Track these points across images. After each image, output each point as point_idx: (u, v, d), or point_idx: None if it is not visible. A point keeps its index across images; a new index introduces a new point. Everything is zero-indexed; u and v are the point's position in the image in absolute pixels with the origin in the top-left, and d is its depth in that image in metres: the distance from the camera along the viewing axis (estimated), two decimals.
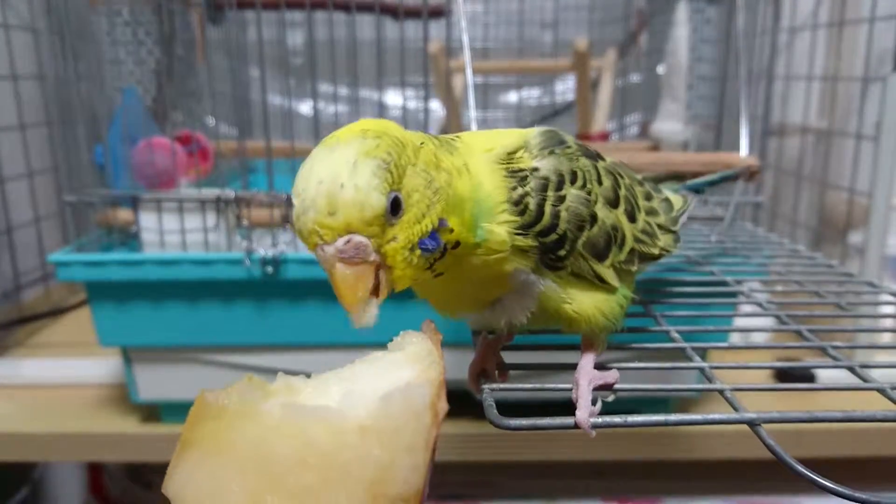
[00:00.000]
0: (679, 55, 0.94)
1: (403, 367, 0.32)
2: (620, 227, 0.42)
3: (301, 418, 0.29)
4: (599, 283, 0.41)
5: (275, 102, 1.17)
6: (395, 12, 0.90)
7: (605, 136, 1.02)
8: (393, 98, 1.18)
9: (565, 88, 1.29)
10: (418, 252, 0.34)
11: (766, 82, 1.00)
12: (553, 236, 0.38)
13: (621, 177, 0.44)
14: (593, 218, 0.40)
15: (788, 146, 1.12)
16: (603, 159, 0.44)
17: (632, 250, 0.43)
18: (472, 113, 0.72)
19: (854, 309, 0.56)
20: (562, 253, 0.39)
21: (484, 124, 1.25)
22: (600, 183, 0.41)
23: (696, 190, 0.60)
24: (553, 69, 1.16)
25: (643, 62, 1.21)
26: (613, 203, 0.42)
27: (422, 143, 0.35)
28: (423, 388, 0.30)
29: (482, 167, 0.38)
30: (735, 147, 0.83)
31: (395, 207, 0.32)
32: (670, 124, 0.95)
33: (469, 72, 0.73)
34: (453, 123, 0.99)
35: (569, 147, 0.42)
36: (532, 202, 0.38)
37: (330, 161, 0.32)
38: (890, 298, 0.58)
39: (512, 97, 1.31)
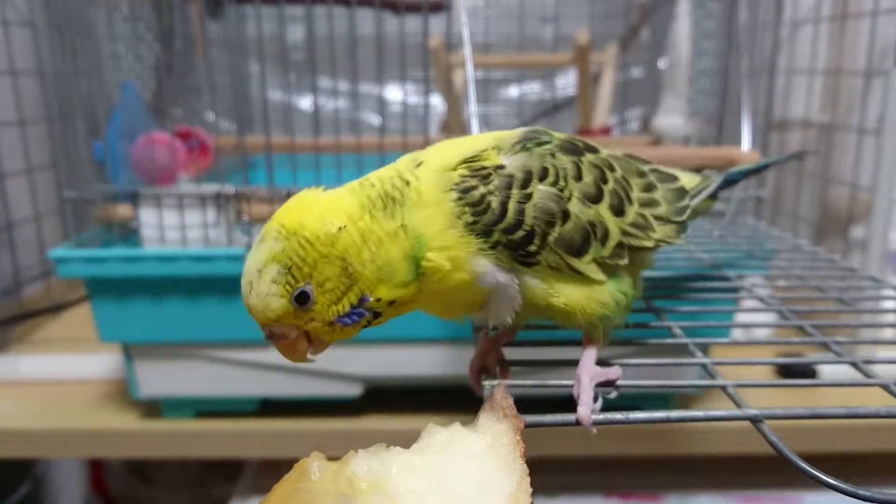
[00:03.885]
0: (680, 49, 0.93)
1: (493, 474, 0.31)
2: (602, 222, 0.41)
3: None
4: (581, 277, 0.41)
5: (275, 97, 1.17)
6: (395, 7, 0.90)
7: (606, 131, 1.02)
8: (393, 93, 1.17)
9: (566, 83, 1.29)
10: (339, 326, 0.38)
11: (768, 76, 1.00)
12: (520, 233, 0.39)
13: (612, 170, 0.43)
14: (565, 214, 0.40)
15: (790, 141, 1.12)
16: (595, 152, 0.44)
17: (620, 244, 0.42)
18: (473, 108, 0.72)
19: (856, 304, 0.56)
20: (532, 248, 0.39)
21: (485, 119, 1.25)
22: (579, 179, 0.41)
23: (734, 179, 0.58)
24: (554, 63, 1.16)
25: (644, 56, 1.20)
26: (594, 198, 0.41)
27: (341, 228, 0.37)
28: None
29: (430, 195, 0.39)
30: (737, 142, 0.83)
31: (304, 299, 0.37)
32: (672, 119, 0.95)
33: (470, 66, 0.73)
34: (454, 118, 0.99)
35: (545, 144, 0.42)
36: (495, 201, 0.38)
37: (250, 261, 0.37)
38: (892, 293, 0.57)
39: (513, 92, 1.30)
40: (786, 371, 0.83)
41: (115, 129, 0.75)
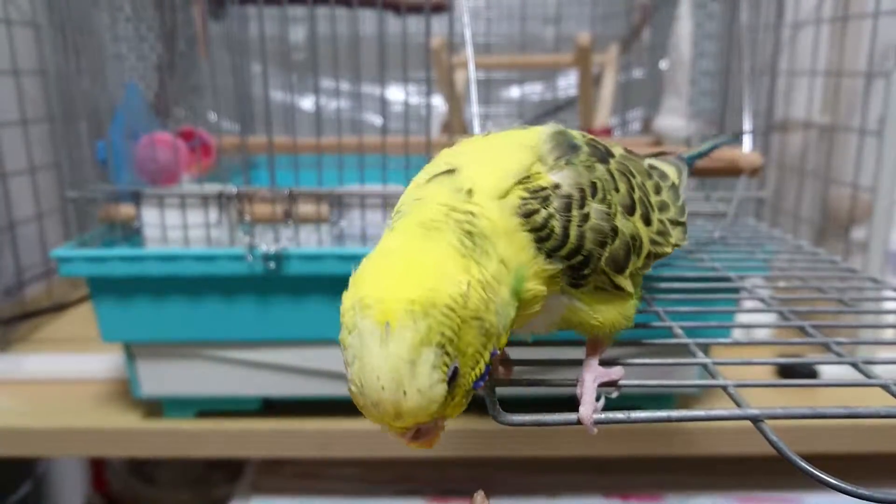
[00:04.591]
0: (682, 50, 0.94)
1: None
2: (638, 234, 0.41)
3: None
4: (617, 292, 0.40)
5: (277, 98, 1.17)
6: (397, 7, 0.90)
7: (607, 132, 1.02)
8: (395, 93, 1.18)
9: (567, 84, 1.29)
10: (471, 391, 0.34)
11: (769, 78, 1.00)
12: (579, 258, 0.37)
13: (633, 176, 0.42)
14: (614, 231, 0.39)
15: (791, 142, 1.12)
16: (612, 155, 0.43)
17: (648, 254, 0.42)
18: (475, 108, 0.72)
19: (857, 305, 0.56)
20: (586, 272, 0.38)
21: (486, 120, 1.25)
22: (617, 190, 0.40)
23: (689, 163, 0.56)
24: (555, 64, 1.16)
25: (646, 57, 1.20)
26: (630, 210, 0.40)
27: (469, 283, 0.32)
28: None
29: (501, 223, 0.35)
30: (737, 143, 0.83)
31: (455, 376, 0.32)
32: (673, 120, 0.95)
33: (471, 67, 0.73)
34: (455, 119, 0.99)
35: (582, 151, 0.40)
36: (557, 225, 0.36)
37: (385, 358, 0.30)
38: (893, 294, 0.57)
39: (514, 92, 1.31)
40: (786, 371, 0.83)
41: (117, 129, 0.75)
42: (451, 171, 0.38)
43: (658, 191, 0.46)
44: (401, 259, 0.33)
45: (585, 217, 0.37)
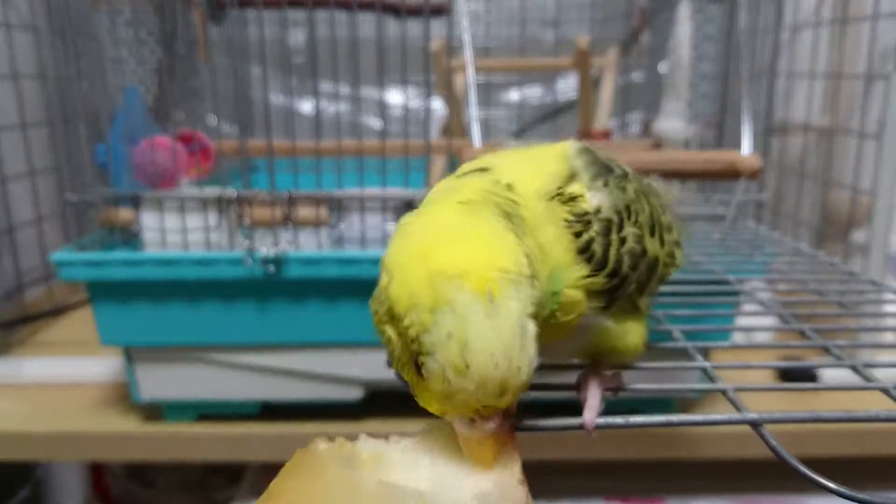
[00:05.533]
0: (681, 53, 0.94)
1: None
2: (658, 255, 0.40)
3: (396, 495, 0.30)
4: (635, 314, 0.40)
5: (276, 101, 1.17)
6: (396, 10, 0.90)
7: (606, 135, 1.02)
8: (394, 97, 1.18)
9: (567, 87, 1.29)
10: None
11: (768, 80, 1.00)
12: (616, 280, 0.37)
13: (648, 196, 0.41)
14: (644, 254, 0.38)
15: (791, 144, 1.12)
16: (628, 173, 0.41)
17: (660, 276, 0.41)
18: (474, 111, 0.72)
19: (857, 308, 0.56)
20: (618, 294, 0.37)
21: (486, 123, 1.25)
22: (643, 212, 0.39)
23: None
24: (555, 67, 1.16)
25: (645, 60, 1.20)
26: (651, 231, 0.40)
27: (526, 257, 0.30)
28: (521, 490, 0.31)
29: (544, 220, 0.35)
30: (737, 145, 0.83)
31: None
32: (672, 122, 0.95)
33: (471, 70, 0.73)
34: (455, 122, 0.99)
35: (616, 173, 0.39)
36: (598, 248, 0.36)
37: (497, 333, 0.27)
38: (893, 297, 0.57)
39: (514, 95, 1.31)
40: (786, 375, 0.82)
41: (117, 132, 0.75)
42: (484, 170, 0.37)
43: (664, 211, 0.45)
44: (461, 231, 0.31)
45: (622, 241, 0.37)
